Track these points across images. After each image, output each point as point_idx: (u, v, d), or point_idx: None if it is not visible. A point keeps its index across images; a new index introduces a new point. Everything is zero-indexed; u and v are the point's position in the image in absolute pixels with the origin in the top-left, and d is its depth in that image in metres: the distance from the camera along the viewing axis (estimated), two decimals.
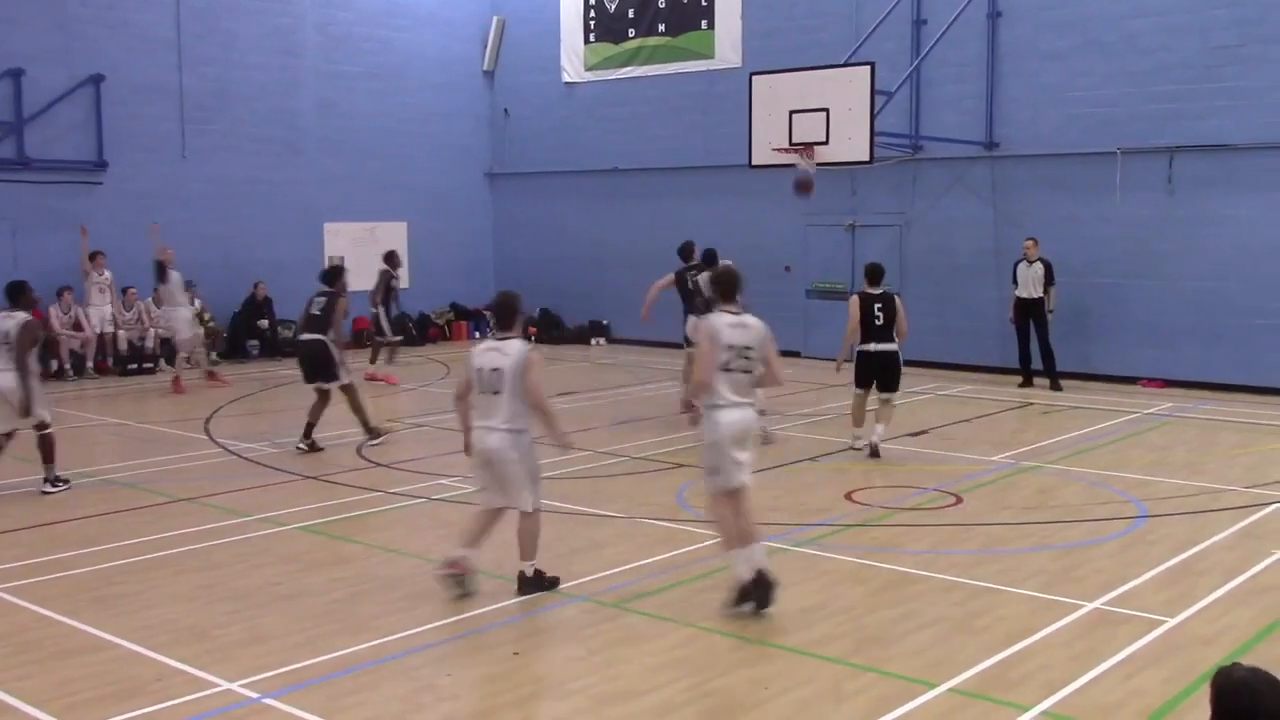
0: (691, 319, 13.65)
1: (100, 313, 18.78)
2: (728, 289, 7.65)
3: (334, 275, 13.58)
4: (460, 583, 7.57)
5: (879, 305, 12.07)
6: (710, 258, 14.15)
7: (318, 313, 12.91)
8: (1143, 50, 17.04)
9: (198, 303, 19.22)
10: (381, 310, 18.01)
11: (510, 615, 7.33)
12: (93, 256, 18.63)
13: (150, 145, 20.15)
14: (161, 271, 17.49)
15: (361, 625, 7.12)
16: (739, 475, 7.38)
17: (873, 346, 12.09)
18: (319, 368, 12.80)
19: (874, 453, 11.97)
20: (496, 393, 7.40)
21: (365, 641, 6.83)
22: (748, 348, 7.38)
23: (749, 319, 7.51)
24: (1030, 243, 17.04)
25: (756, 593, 7.23)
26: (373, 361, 18.06)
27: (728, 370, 7.32)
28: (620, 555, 8.62)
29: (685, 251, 14.75)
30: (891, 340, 12.14)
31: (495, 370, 7.42)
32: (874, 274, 12.28)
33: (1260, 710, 3.18)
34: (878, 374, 12.16)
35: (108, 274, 18.83)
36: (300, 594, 7.77)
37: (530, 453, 7.53)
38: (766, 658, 6.65)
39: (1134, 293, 17.29)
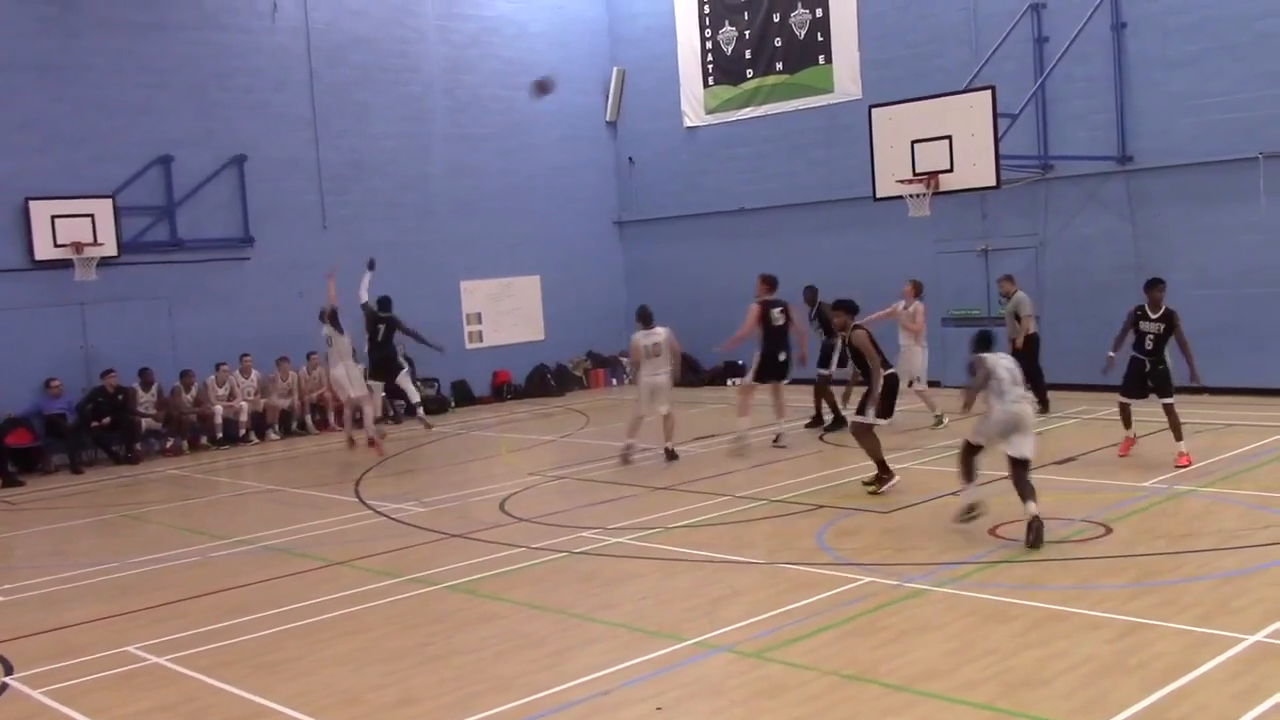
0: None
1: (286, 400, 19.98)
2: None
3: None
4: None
5: (779, 309, 14.95)
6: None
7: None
8: (1279, 50, 16.46)
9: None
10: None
11: (653, 669, 7.39)
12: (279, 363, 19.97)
13: (292, 218, 21.02)
14: (336, 320, 16.88)
15: (507, 684, 7.26)
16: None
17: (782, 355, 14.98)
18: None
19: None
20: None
21: (511, 701, 6.96)
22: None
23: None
24: (1004, 281, 17.06)
25: None
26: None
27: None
28: (761, 603, 8.61)
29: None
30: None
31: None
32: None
33: None
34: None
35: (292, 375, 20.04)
36: (449, 654, 7.97)
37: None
38: (911, 705, 6.56)
39: None
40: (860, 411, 12.06)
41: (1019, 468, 9.84)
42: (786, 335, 15.20)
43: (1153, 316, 12.72)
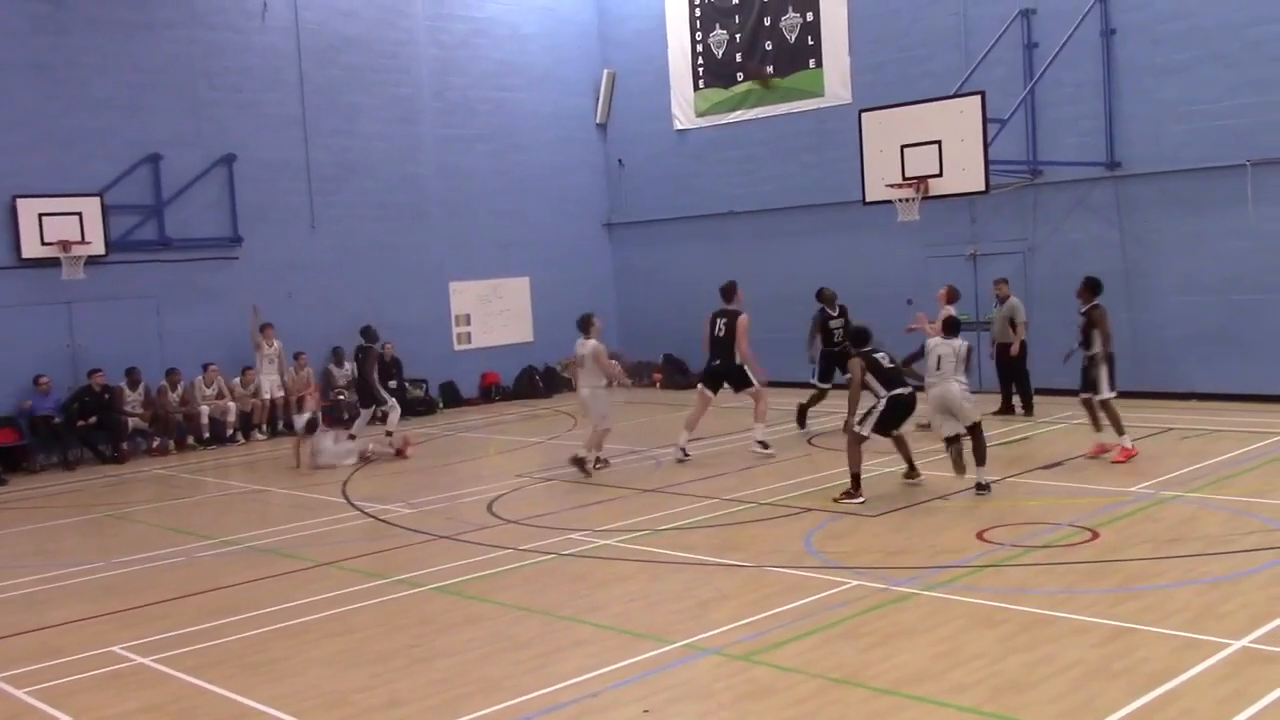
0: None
1: (270, 380, 19.90)
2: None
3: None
4: None
5: (723, 320, 14.94)
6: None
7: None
8: (1268, 58, 16.53)
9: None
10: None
11: (641, 672, 7.38)
12: (263, 329, 19.73)
13: (281, 218, 20.96)
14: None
15: (494, 686, 7.25)
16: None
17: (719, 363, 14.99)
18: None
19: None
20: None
21: (498, 703, 6.95)
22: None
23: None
24: (999, 283, 17.25)
25: None
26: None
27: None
28: (749, 605, 8.61)
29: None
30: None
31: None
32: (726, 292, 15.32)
33: None
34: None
35: (277, 344, 19.97)
36: (435, 656, 7.95)
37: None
38: (899, 708, 6.57)
39: (1275, 308, 16.67)
40: (860, 421, 12.08)
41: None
42: (729, 346, 15.10)
43: (1080, 310, 13.52)
